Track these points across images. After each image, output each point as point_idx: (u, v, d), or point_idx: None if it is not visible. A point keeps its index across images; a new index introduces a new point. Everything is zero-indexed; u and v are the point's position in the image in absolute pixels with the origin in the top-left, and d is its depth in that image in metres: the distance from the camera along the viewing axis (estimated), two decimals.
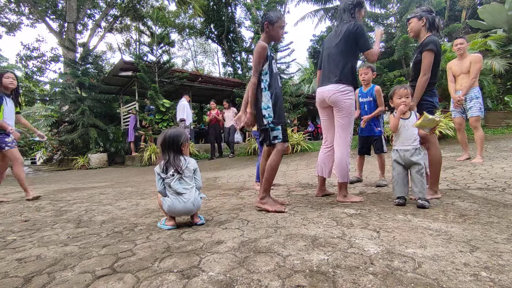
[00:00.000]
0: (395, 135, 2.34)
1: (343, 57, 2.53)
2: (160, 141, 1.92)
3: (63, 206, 2.99)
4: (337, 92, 2.51)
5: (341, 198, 2.54)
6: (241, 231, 1.76)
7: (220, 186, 3.98)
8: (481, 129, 4.13)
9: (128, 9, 17.98)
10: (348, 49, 2.52)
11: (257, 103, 2.37)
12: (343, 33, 2.51)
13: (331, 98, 2.55)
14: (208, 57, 42.46)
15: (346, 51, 2.53)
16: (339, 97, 2.51)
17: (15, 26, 17.75)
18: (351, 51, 2.53)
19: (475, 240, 1.44)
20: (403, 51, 9.44)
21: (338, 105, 2.53)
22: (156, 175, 1.92)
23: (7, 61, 24.43)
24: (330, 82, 2.56)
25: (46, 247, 1.65)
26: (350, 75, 2.53)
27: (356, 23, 2.49)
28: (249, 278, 1.13)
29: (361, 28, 2.47)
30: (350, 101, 2.53)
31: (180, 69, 13.69)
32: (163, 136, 1.92)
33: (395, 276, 1.09)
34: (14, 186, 5.33)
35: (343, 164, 2.53)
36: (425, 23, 2.47)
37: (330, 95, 2.55)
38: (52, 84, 13.63)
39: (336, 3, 17.66)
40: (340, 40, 2.54)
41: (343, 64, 2.52)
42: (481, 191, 2.57)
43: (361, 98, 3.58)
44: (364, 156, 3.62)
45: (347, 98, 2.51)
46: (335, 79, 2.53)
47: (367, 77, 3.50)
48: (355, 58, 2.60)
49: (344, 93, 2.50)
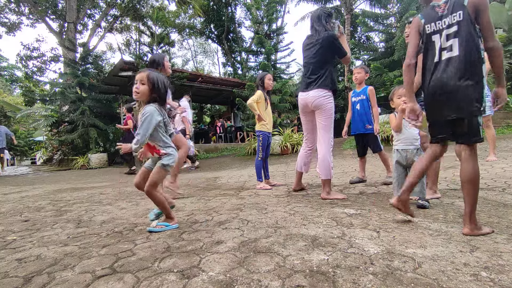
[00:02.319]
0: (396, 135, 2.34)
1: (322, 64, 2.79)
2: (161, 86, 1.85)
3: (63, 206, 2.99)
4: (319, 98, 2.77)
5: (325, 194, 2.68)
6: (241, 231, 1.76)
7: (220, 186, 3.97)
8: (492, 128, 4.10)
9: (128, 9, 17.97)
10: (325, 58, 2.78)
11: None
12: (319, 43, 2.76)
13: (315, 103, 2.80)
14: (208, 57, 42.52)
15: (324, 59, 2.78)
16: (321, 101, 2.76)
17: (15, 26, 17.75)
18: (329, 59, 2.80)
19: (475, 240, 1.44)
20: (403, 51, 9.45)
21: (321, 109, 2.78)
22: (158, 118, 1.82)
23: (7, 61, 24.45)
24: (312, 88, 2.81)
25: (46, 247, 1.65)
26: (329, 81, 2.78)
27: (329, 33, 2.74)
28: (249, 278, 1.13)
29: (335, 37, 2.74)
30: (331, 105, 2.78)
31: (180, 69, 13.69)
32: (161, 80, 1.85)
33: (395, 276, 1.09)
34: (14, 186, 5.33)
35: (325, 162, 2.71)
36: None
37: (313, 101, 2.80)
38: (52, 84, 13.64)
39: (336, 3, 17.67)
40: (317, 50, 2.78)
41: (323, 71, 2.78)
42: (481, 191, 2.57)
43: (354, 97, 3.61)
44: (365, 157, 3.62)
45: (328, 102, 2.77)
46: (317, 85, 2.78)
47: (360, 76, 3.54)
48: (332, 65, 2.85)
49: (326, 97, 2.77)
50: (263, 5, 10.87)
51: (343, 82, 15.36)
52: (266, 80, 3.61)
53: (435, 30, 1.60)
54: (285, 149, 7.94)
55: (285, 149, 7.95)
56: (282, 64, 10.85)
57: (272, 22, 10.83)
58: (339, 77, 21.73)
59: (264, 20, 10.97)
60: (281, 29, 11.23)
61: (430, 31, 1.62)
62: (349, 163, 5.58)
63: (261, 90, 3.56)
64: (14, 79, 23.04)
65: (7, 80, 24.08)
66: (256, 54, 12.09)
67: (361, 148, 3.62)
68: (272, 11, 10.45)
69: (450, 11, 1.53)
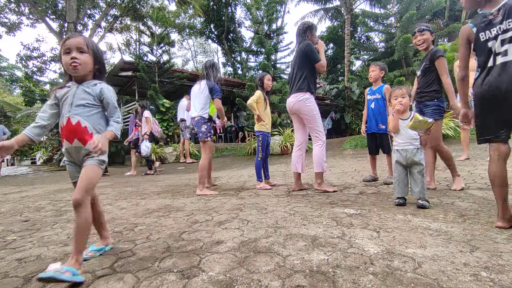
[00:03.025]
0: (395, 135, 2.35)
1: (299, 70, 3.10)
2: None
3: (63, 206, 2.98)
4: (297, 102, 3.08)
5: (316, 185, 3.04)
6: (241, 231, 1.76)
7: (220, 186, 3.97)
8: None
9: (128, 9, 17.97)
10: (302, 64, 3.09)
11: None
12: (297, 52, 3.13)
13: (294, 107, 3.13)
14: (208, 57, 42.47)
15: (301, 66, 3.10)
16: (299, 104, 3.07)
17: (15, 26, 17.74)
18: (305, 65, 3.08)
19: (475, 240, 1.44)
20: (403, 51, 9.45)
21: (301, 112, 3.09)
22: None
23: (7, 61, 24.45)
24: (292, 93, 3.14)
25: (46, 247, 1.65)
26: (306, 84, 3.06)
27: (305, 42, 3.07)
28: (249, 278, 1.13)
29: (309, 45, 3.04)
30: (309, 107, 3.04)
31: (180, 69, 13.69)
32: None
33: (395, 276, 1.09)
34: (14, 186, 5.33)
35: (317, 156, 3.01)
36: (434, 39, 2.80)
37: (292, 106, 3.14)
38: (52, 84, 13.64)
39: (336, 3, 17.69)
40: (295, 57, 3.16)
41: (299, 76, 3.09)
42: (481, 191, 2.57)
43: (369, 95, 3.60)
44: (375, 156, 3.61)
45: (306, 105, 3.04)
46: (295, 89, 3.10)
47: (374, 74, 3.54)
48: (308, 70, 3.08)
49: (302, 101, 3.04)
50: (263, 5, 10.87)
51: (343, 82, 15.37)
52: (266, 81, 3.64)
53: (490, 37, 1.62)
54: (285, 149, 7.93)
55: (285, 149, 7.95)
56: (282, 64, 10.87)
57: (272, 22, 10.83)
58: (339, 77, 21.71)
59: (264, 20, 10.97)
60: (281, 29, 11.24)
61: (485, 39, 1.65)
62: (349, 163, 5.58)
63: (261, 90, 3.59)
64: (14, 79, 23.03)
65: (7, 80, 24.08)
66: (256, 54, 12.09)
67: (373, 146, 3.59)
68: (272, 11, 10.45)
69: (505, 17, 1.56)
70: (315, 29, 3.20)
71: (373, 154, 3.59)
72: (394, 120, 2.29)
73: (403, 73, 9.52)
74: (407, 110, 2.34)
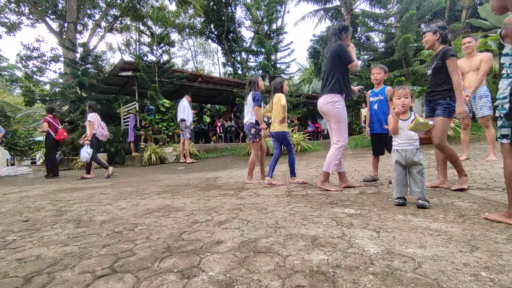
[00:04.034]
0: (395, 136, 2.35)
1: (331, 71, 3.08)
2: None
3: (63, 206, 2.99)
4: (326, 104, 3.08)
5: (319, 183, 3.09)
6: (241, 231, 1.76)
7: (220, 186, 3.97)
8: (492, 128, 4.07)
9: (128, 9, 17.98)
10: (334, 64, 3.06)
11: None
12: (330, 52, 3.08)
13: (322, 109, 3.15)
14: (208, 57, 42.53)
15: (333, 66, 3.07)
16: (327, 107, 3.07)
17: (15, 26, 17.75)
18: (337, 65, 3.05)
19: (475, 240, 1.44)
20: (403, 51, 9.44)
21: (328, 114, 3.11)
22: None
23: (7, 61, 24.44)
24: (323, 93, 3.13)
25: (46, 247, 1.64)
26: (337, 86, 3.03)
27: (338, 43, 3.05)
28: (249, 278, 1.13)
29: (342, 46, 3.01)
30: (337, 110, 3.03)
31: (180, 69, 13.69)
32: None
33: (395, 276, 1.09)
34: (14, 186, 5.33)
35: (330, 157, 3.08)
36: (439, 38, 2.75)
37: (321, 107, 3.15)
38: (52, 84, 13.65)
39: (336, 3, 17.67)
40: (328, 58, 3.11)
41: (331, 77, 3.06)
42: (481, 191, 2.57)
43: (372, 97, 3.62)
44: (378, 156, 3.62)
45: (334, 107, 3.04)
46: (326, 90, 3.09)
47: (379, 76, 3.58)
48: (340, 71, 3.05)
49: (331, 103, 3.04)
50: (263, 5, 10.86)
51: None
52: (285, 85, 3.93)
53: None
54: (285, 150, 7.92)
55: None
56: (282, 64, 10.84)
57: (272, 22, 10.82)
58: None
59: (264, 20, 10.96)
60: (281, 29, 11.23)
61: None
62: (349, 163, 5.58)
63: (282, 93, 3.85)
64: (14, 79, 23.03)
65: (7, 80, 24.07)
66: (256, 54, 12.09)
67: (377, 147, 3.61)
68: (272, 11, 10.44)
69: None
70: (350, 30, 3.19)
71: (376, 154, 3.61)
72: (393, 123, 2.30)
73: (403, 73, 9.50)
74: (408, 111, 2.34)
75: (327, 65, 3.12)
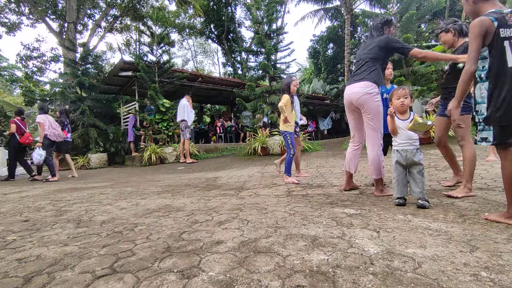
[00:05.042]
0: (395, 135, 2.35)
1: (372, 61, 2.69)
2: None
3: (63, 206, 2.99)
4: (364, 94, 2.63)
5: (378, 192, 2.70)
6: (241, 231, 1.76)
7: (220, 186, 3.97)
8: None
9: (128, 9, 17.98)
10: (378, 56, 2.69)
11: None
12: (376, 42, 2.70)
13: (359, 101, 2.68)
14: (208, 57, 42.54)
15: (376, 57, 2.69)
16: (367, 97, 2.62)
17: (15, 26, 17.75)
18: (381, 58, 2.70)
19: (475, 240, 1.44)
20: None
21: (367, 106, 2.64)
22: None
23: (7, 61, 24.43)
24: (357, 81, 2.70)
25: (46, 247, 1.64)
26: (377, 76, 2.66)
27: (388, 36, 2.73)
28: (249, 278, 1.13)
29: (393, 38, 2.70)
30: (377, 103, 2.64)
31: (180, 69, 13.70)
32: None
33: (395, 276, 1.09)
34: (14, 186, 5.33)
35: (376, 161, 2.67)
36: (455, 33, 2.68)
37: (357, 97, 2.68)
38: (52, 84, 13.63)
39: (336, 3, 17.67)
40: (372, 48, 2.71)
41: (371, 66, 2.67)
42: (481, 191, 2.57)
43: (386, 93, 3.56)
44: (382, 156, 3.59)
45: (375, 100, 2.62)
46: (363, 76, 2.67)
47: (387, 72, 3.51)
48: (381, 65, 2.73)
49: (371, 94, 2.62)
50: (263, 5, 10.86)
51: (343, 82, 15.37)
52: (292, 86, 3.99)
53: (506, 36, 1.62)
54: (285, 149, 7.93)
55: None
56: (282, 64, 10.84)
57: (272, 22, 10.81)
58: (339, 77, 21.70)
59: (264, 20, 10.95)
60: (281, 29, 11.22)
61: (504, 36, 1.63)
62: None
63: (287, 95, 3.91)
64: (14, 79, 23.02)
65: (7, 80, 24.07)
66: (256, 54, 12.08)
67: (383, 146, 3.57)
68: (272, 11, 10.44)
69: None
70: (393, 25, 2.89)
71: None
72: (391, 124, 2.31)
73: (403, 73, 9.50)
74: (408, 111, 2.34)
75: (369, 54, 2.73)
